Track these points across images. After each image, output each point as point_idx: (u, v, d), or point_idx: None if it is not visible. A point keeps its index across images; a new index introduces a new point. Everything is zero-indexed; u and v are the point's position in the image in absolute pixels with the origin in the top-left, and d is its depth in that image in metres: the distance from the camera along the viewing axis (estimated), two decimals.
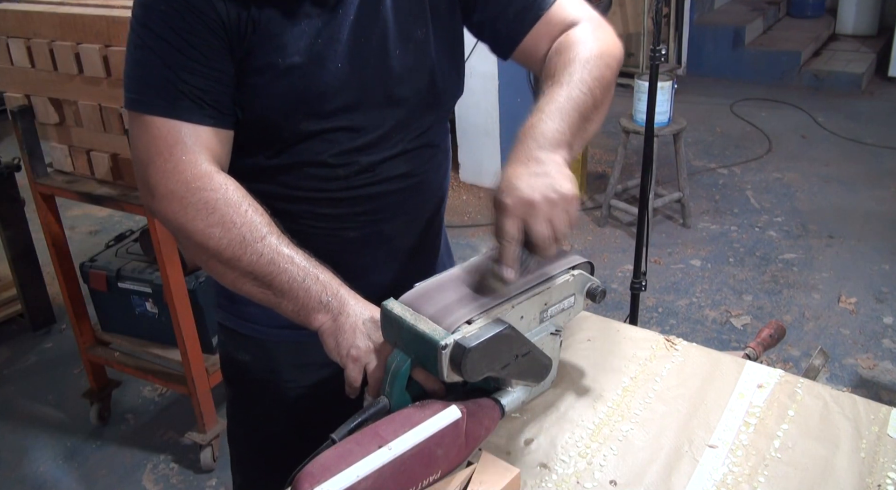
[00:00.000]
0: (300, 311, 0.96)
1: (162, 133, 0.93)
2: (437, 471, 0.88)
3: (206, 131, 0.96)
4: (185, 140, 0.94)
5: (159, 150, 0.93)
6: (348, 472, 0.80)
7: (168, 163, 0.93)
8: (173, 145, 0.93)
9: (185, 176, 0.93)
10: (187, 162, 0.93)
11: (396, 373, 0.91)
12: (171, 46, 0.93)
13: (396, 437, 0.84)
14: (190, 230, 0.93)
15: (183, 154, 0.93)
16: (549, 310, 0.97)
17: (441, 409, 0.89)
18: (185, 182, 0.93)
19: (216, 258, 0.94)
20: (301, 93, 0.99)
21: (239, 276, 0.95)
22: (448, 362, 0.85)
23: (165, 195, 0.93)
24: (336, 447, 0.84)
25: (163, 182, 0.93)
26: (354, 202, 1.08)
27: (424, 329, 0.87)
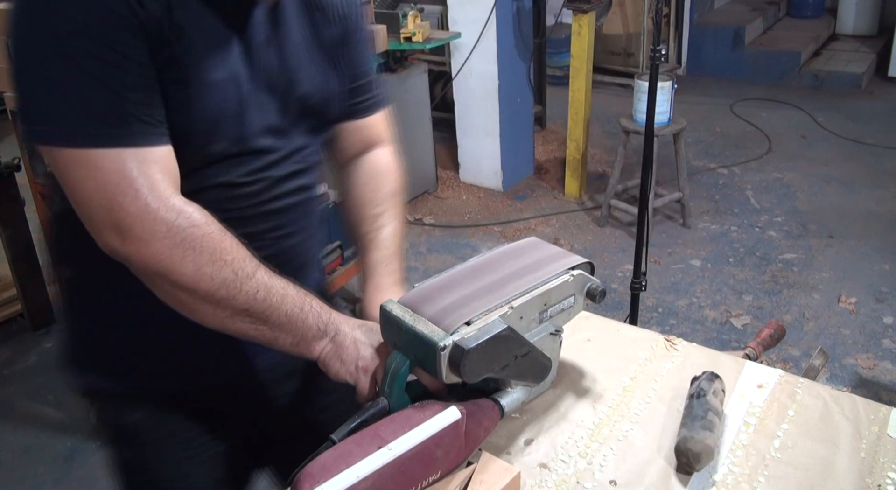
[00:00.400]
0: (300, 343, 0.94)
1: (118, 167, 0.81)
2: (436, 471, 0.88)
3: (162, 153, 0.85)
4: (146, 170, 0.83)
5: (121, 188, 0.81)
6: (348, 473, 0.80)
7: (136, 201, 0.82)
8: (136, 179, 0.82)
9: (160, 214, 0.82)
10: (157, 196, 0.83)
11: (396, 373, 0.91)
12: (107, 63, 0.80)
13: (396, 438, 0.84)
14: (179, 273, 0.84)
15: (149, 188, 0.82)
16: (548, 310, 0.97)
17: (440, 409, 0.89)
18: (164, 221, 0.82)
19: (206, 299, 0.87)
20: (220, 112, 0.92)
21: (231, 315, 0.89)
22: (447, 363, 0.85)
23: (143, 238, 0.82)
24: (336, 448, 0.84)
25: (138, 224, 0.82)
26: (263, 218, 1.03)
27: (423, 330, 0.87)
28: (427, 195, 4.19)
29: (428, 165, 4.12)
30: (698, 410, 0.95)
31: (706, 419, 0.93)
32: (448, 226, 3.90)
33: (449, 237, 3.78)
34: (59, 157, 0.82)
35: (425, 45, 3.56)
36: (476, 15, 3.83)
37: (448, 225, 3.91)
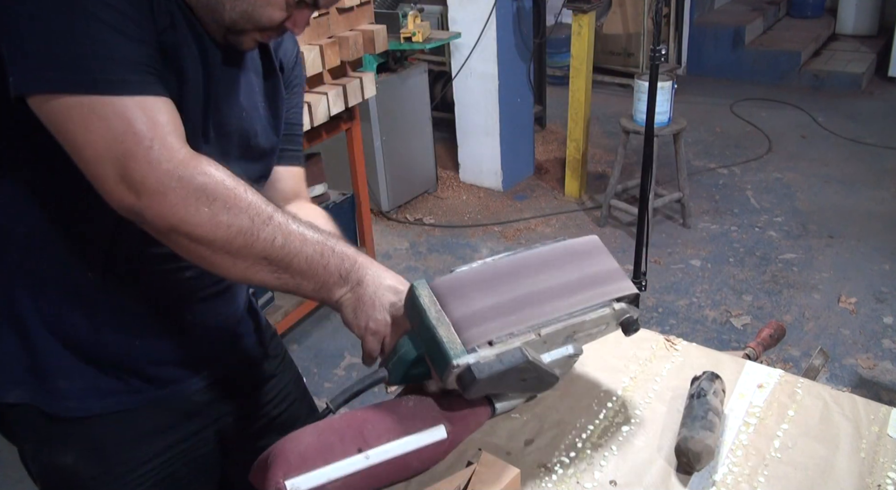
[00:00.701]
0: (320, 289, 0.90)
1: (137, 116, 0.78)
2: (409, 476, 0.89)
3: (170, 105, 0.83)
4: (160, 119, 0.80)
5: (138, 137, 0.78)
6: (321, 472, 0.80)
7: (151, 151, 0.78)
8: (153, 128, 0.79)
9: (173, 163, 0.79)
10: (170, 146, 0.79)
11: (402, 357, 0.90)
12: (117, 11, 0.78)
13: (379, 444, 0.84)
14: (194, 223, 0.81)
15: (164, 137, 0.79)
16: (575, 335, 0.90)
17: (430, 424, 0.89)
18: (176, 171, 0.79)
19: (224, 250, 0.83)
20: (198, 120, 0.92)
21: (251, 264, 0.85)
22: (454, 380, 0.83)
23: (158, 190, 0.78)
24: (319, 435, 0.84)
25: (152, 175, 0.78)
26: None
27: (443, 336, 0.83)
28: (427, 195, 4.19)
29: (428, 165, 4.12)
30: (698, 410, 0.95)
31: (706, 419, 0.93)
32: (448, 226, 3.90)
33: (449, 237, 3.78)
34: (61, 108, 0.77)
35: (425, 45, 3.56)
36: (476, 15, 3.83)
37: (448, 225, 3.91)
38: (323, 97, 2.45)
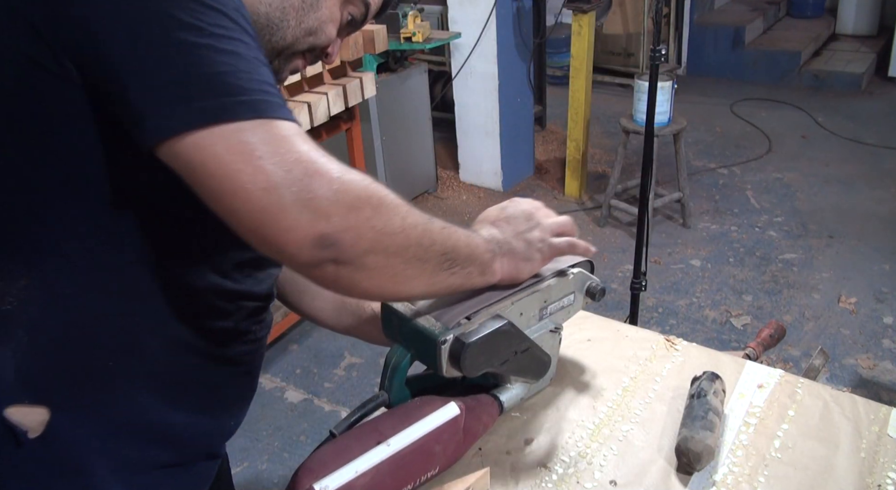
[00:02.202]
0: (485, 271, 0.85)
1: (300, 137, 0.69)
2: (434, 466, 0.88)
3: None
4: (308, 140, 0.71)
5: (311, 157, 0.68)
6: (347, 468, 0.80)
7: (330, 168, 0.68)
8: (316, 148, 0.70)
9: (349, 176, 0.70)
10: (334, 162, 0.70)
11: (396, 367, 0.91)
12: (253, 40, 0.72)
13: (395, 433, 0.85)
14: (390, 233, 0.72)
15: (325, 158, 0.70)
16: (548, 307, 0.98)
17: (440, 405, 0.89)
18: (358, 182, 0.70)
19: (416, 255, 0.75)
20: None
21: (434, 265, 0.77)
22: (447, 357, 0.85)
23: (353, 205, 0.68)
24: (335, 442, 0.84)
25: (341, 191, 0.68)
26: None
27: (424, 324, 0.87)
28: (427, 195, 4.19)
29: (428, 165, 4.12)
30: (699, 410, 0.95)
31: (706, 419, 0.93)
32: None
33: None
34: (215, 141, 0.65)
35: (425, 45, 3.56)
36: (476, 15, 3.83)
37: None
38: (323, 97, 2.45)
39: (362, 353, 2.88)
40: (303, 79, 2.41)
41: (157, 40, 0.65)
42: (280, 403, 2.65)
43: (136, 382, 0.81)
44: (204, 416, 0.89)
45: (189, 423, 0.87)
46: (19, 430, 0.76)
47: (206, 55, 0.66)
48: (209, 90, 0.65)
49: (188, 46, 0.65)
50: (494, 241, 0.87)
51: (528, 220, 0.91)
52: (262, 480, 2.33)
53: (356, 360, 2.87)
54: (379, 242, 0.71)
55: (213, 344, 0.86)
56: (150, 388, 0.82)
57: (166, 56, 0.65)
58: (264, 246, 0.68)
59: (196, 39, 0.66)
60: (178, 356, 0.83)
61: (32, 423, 0.77)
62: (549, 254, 0.92)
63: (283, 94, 0.73)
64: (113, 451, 0.81)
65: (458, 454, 0.92)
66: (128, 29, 0.65)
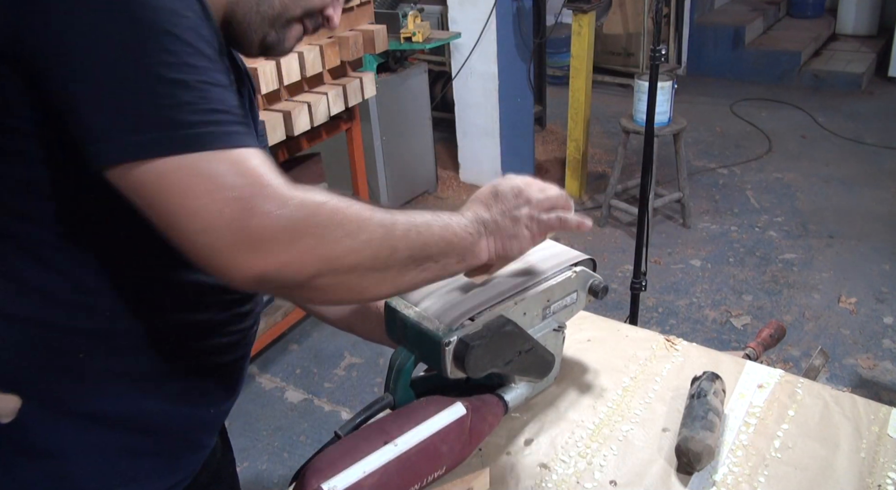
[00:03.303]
0: (466, 257, 0.83)
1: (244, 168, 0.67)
2: (441, 466, 0.88)
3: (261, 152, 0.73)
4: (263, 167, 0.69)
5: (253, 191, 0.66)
6: (355, 468, 0.80)
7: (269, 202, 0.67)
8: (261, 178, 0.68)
9: (294, 205, 0.68)
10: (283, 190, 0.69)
11: (401, 369, 0.91)
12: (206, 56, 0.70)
13: (402, 434, 0.85)
14: (337, 257, 0.71)
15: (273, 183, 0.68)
16: (551, 306, 0.98)
17: (446, 405, 0.90)
18: (301, 210, 0.68)
19: (373, 268, 0.74)
20: None
21: (399, 271, 0.77)
22: (451, 359, 0.85)
23: (293, 238, 0.68)
24: (342, 443, 0.84)
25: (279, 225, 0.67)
26: None
27: (428, 326, 0.87)
28: (427, 195, 4.19)
29: (428, 165, 4.12)
30: (699, 410, 0.95)
31: (707, 419, 0.93)
32: None
33: None
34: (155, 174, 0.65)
35: (425, 45, 3.56)
36: (476, 15, 3.83)
37: None
38: (323, 97, 2.45)
39: (362, 353, 2.88)
40: (303, 79, 2.41)
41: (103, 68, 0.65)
42: (280, 403, 2.65)
43: (109, 374, 0.82)
44: (182, 406, 0.89)
45: (163, 411, 0.87)
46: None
47: (147, 86, 0.65)
48: (150, 123, 0.65)
49: (131, 76, 0.65)
50: (479, 221, 0.85)
51: (517, 197, 0.88)
52: (262, 480, 2.33)
53: (356, 360, 2.87)
54: (326, 267, 0.70)
55: (189, 337, 0.86)
56: (125, 380, 0.83)
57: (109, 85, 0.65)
58: (211, 273, 0.69)
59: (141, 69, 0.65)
60: (152, 348, 0.84)
61: (5, 410, 0.78)
62: (538, 230, 0.89)
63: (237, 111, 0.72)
64: (87, 438, 0.82)
65: (465, 454, 0.92)
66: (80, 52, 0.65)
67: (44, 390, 0.80)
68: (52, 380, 0.80)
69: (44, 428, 0.80)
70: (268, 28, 0.85)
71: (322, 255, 0.70)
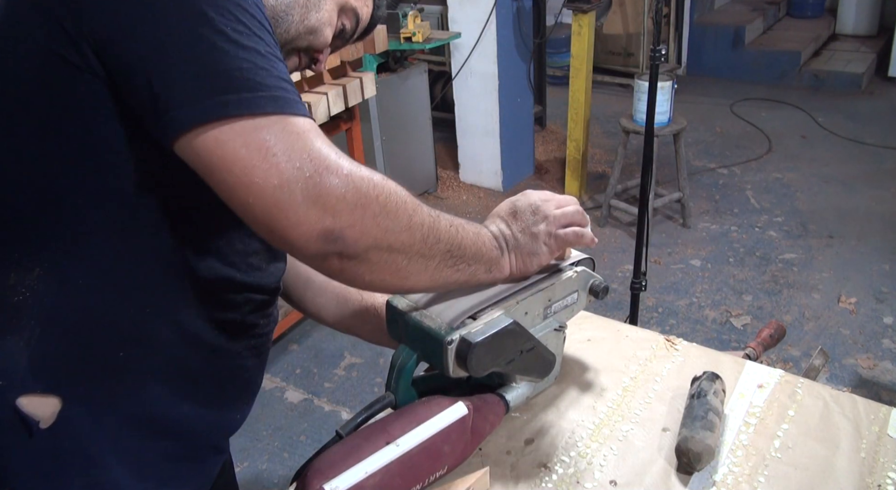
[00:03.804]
0: (492, 268, 0.87)
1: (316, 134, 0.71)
2: (443, 466, 0.88)
3: None
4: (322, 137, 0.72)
5: (324, 153, 0.69)
6: (357, 469, 0.80)
7: (341, 165, 0.70)
8: (330, 145, 0.72)
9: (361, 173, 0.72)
10: (347, 159, 0.72)
11: (402, 368, 0.91)
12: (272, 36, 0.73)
13: (403, 434, 0.85)
14: (396, 231, 0.74)
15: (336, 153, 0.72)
16: (552, 306, 0.98)
17: (448, 405, 0.90)
18: (368, 180, 0.72)
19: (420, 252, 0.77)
20: None
21: (438, 262, 0.79)
22: (454, 357, 0.85)
23: (359, 202, 0.70)
24: (343, 443, 0.84)
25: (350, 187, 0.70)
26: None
27: (430, 325, 0.87)
28: (427, 195, 4.19)
29: (428, 165, 4.12)
30: (699, 410, 0.95)
31: (707, 419, 0.93)
32: None
33: None
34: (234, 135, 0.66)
35: (425, 46, 3.56)
36: (476, 15, 3.83)
37: None
38: (323, 97, 2.45)
39: (362, 353, 2.88)
40: (303, 79, 2.41)
41: (180, 34, 0.66)
42: (280, 403, 2.65)
43: (146, 374, 0.82)
44: (211, 409, 0.90)
45: (196, 415, 0.88)
46: (31, 420, 0.76)
47: (227, 50, 0.67)
48: (228, 85, 0.67)
49: (210, 41, 0.67)
50: (503, 236, 0.89)
51: (535, 214, 0.92)
52: (262, 480, 2.33)
53: (356, 360, 2.87)
54: (383, 239, 0.73)
55: (222, 337, 0.87)
56: (160, 380, 0.83)
57: (188, 50, 0.66)
58: (274, 238, 0.70)
59: (218, 34, 0.67)
60: (188, 348, 0.84)
61: (44, 414, 0.77)
62: (556, 246, 0.93)
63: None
64: (122, 442, 0.82)
65: (466, 454, 0.92)
66: (152, 22, 0.66)
67: (83, 391, 0.79)
68: (91, 380, 0.79)
69: (82, 431, 0.79)
70: None
71: (384, 226, 0.72)
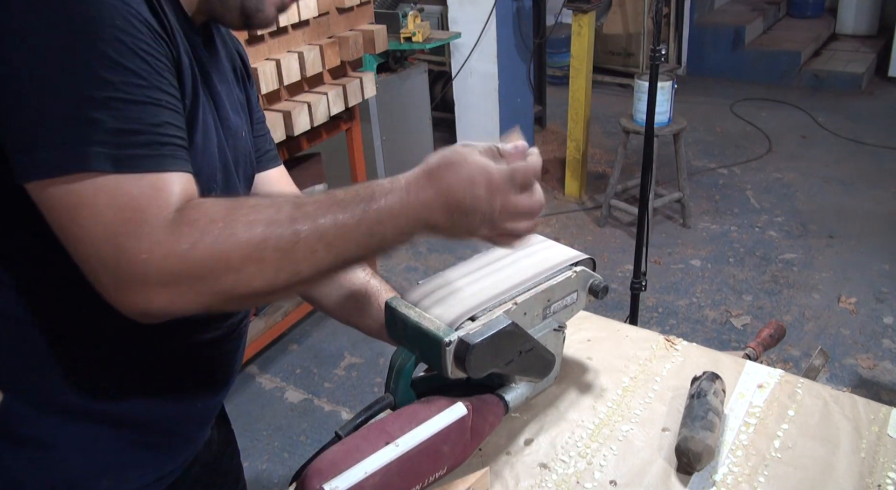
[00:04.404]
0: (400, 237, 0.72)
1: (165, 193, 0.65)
2: (442, 466, 0.88)
3: (189, 180, 0.68)
4: (173, 190, 0.65)
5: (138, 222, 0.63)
6: (356, 469, 0.80)
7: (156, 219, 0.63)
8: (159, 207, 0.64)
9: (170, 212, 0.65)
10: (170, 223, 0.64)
11: (401, 369, 0.91)
12: (139, 76, 0.65)
13: (403, 434, 0.85)
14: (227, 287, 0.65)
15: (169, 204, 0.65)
16: (551, 306, 0.98)
17: (447, 405, 0.90)
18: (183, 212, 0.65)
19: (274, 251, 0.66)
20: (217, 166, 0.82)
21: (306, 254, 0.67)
22: (452, 359, 0.85)
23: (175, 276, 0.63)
24: (343, 443, 0.84)
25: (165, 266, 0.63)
26: None
27: (428, 326, 0.87)
28: None
29: None
30: (699, 410, 0.95)
31: (706, 419, 0.93)
32: None
33: None
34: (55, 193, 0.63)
35: (425, 45, 3.56)
36: (476, 15, 3.83)
37: None
38: (323, 97, 2.45)
39: (362, 353, 2.88)
40: (303, 79, 2.41)
41: (27, 77, 0.62)
42: (280, 403, 2.65)
43: (91, 366, 0.82)
44: (168, 400, 0.89)
45: (151, 407, 0.87)
46: None
47: (72, 96, 0.62)
48: (62, 136, 0.62)
49: (55, 86, 0.62)
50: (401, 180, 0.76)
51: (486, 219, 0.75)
52: (262, 480, 2.33)
53: (356, 360, 2.87)
54: (218, 298, 0.66)
55: (172, 332, 0.85)
56: (107, 372, 0.83)
57: (31, 94, 0.62)
58: None
59: (69, 80, 0.62)
60: (136, 344, 0.84)
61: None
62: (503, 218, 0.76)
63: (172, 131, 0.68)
64: (72, 429, 0.82)
65: (466, 454, 0.92)
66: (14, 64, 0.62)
67: (26, 384, 0.80)
68: (33, 373, 0.80)
69: (28, 419, 0.81)
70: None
71: (209, 291, 0.65)
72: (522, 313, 0.93)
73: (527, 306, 0.94)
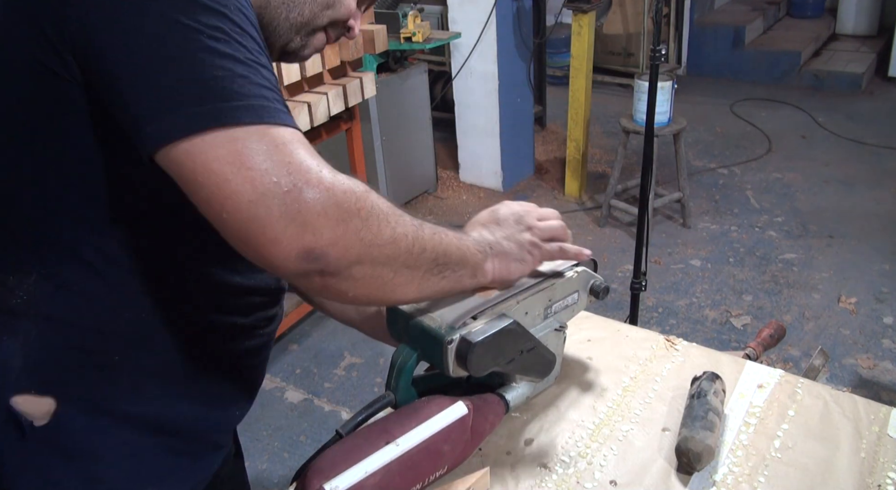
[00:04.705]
0: (476, 272, 0.86)
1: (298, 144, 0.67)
2: (443, 466, 0.88)
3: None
4: (310, 148, 0.69)
5: (306, 165, 0.66)
6: (357, 468, 0.80)
7: (323, 178, 0.66)
8: (314, 156, 0.68)
9: (342, 185, 0.68)
10: (330, 171, 0.68)
11: (402, 367, 0.91)
12: (259, 44, 0.70)
13: (404, 433, 0.85)
14: (380, 245, 0.71)
15: (322, 163, 0.68)
16: (553, 306, 0.98)
17: (448, 404, 0.90)
18: (350, 193, 0.68)
19: (406, 264, 0.74)
20: None
21: (424, 272, 0.77)
22: (454, 357, 0.85)
23: (341, 218, 0.67)
24: (343, 442, 0.84)
25: (332, 202, 0.66)
26: None
27: (430, 324, 0.87)
28: (427, 195, 4.19)
29: (428, 165, 4.12)
30: (699, 410, 0.95)
31: (707, 419, 0.93)
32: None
33: None
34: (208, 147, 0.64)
35: (425, 45, 3.56)
36: (476, 15, 3.83)
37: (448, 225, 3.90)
38: (323, 97, 2.45)
39: (362, 353, 2.88)
40: (303, 79, 2.41)
41: (152, 44, 0.64)
42: (280, 403, 2.65)
43: (143, 375, 0.82)
44: (209, 407, 0.90)
45: (194, 414, 0.88)
46: (25, 419, 0.77)
47: (202, 59, 0.64)
48: (204, 95, 0.64)
49: (184, 50, 0.64)
50: (485, 242, 0.89)
51: (519, 223, 0.93)
52: (262, 480, 2.33)
53: (356, 360, 2.87)
54: (367, 254, 0.70)
55: (221, 339, 0.87)
56: (157, 381, 0.83)
57: (161, 60, 0.64)
58: (251, 255, 0.67)
59: (192, 43, 0.64)
60: (186, 351, 0.84)
61: (38, 413, 0.78)
62: (539, 257, 0.93)
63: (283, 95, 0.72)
64: (119, 439, 0.82)
65: (466, 454, 0.92)
66: (124, 30, 0.64)
67: (78, 392, 0.80)
68: (87, 381, 0.80)
69: (78, 430, 0.80)
70: (293, 35, 0.85)
71: (366, 240, 0.69)
72: (524, 313, 0.94)
73: (528, 306, 0.94)
